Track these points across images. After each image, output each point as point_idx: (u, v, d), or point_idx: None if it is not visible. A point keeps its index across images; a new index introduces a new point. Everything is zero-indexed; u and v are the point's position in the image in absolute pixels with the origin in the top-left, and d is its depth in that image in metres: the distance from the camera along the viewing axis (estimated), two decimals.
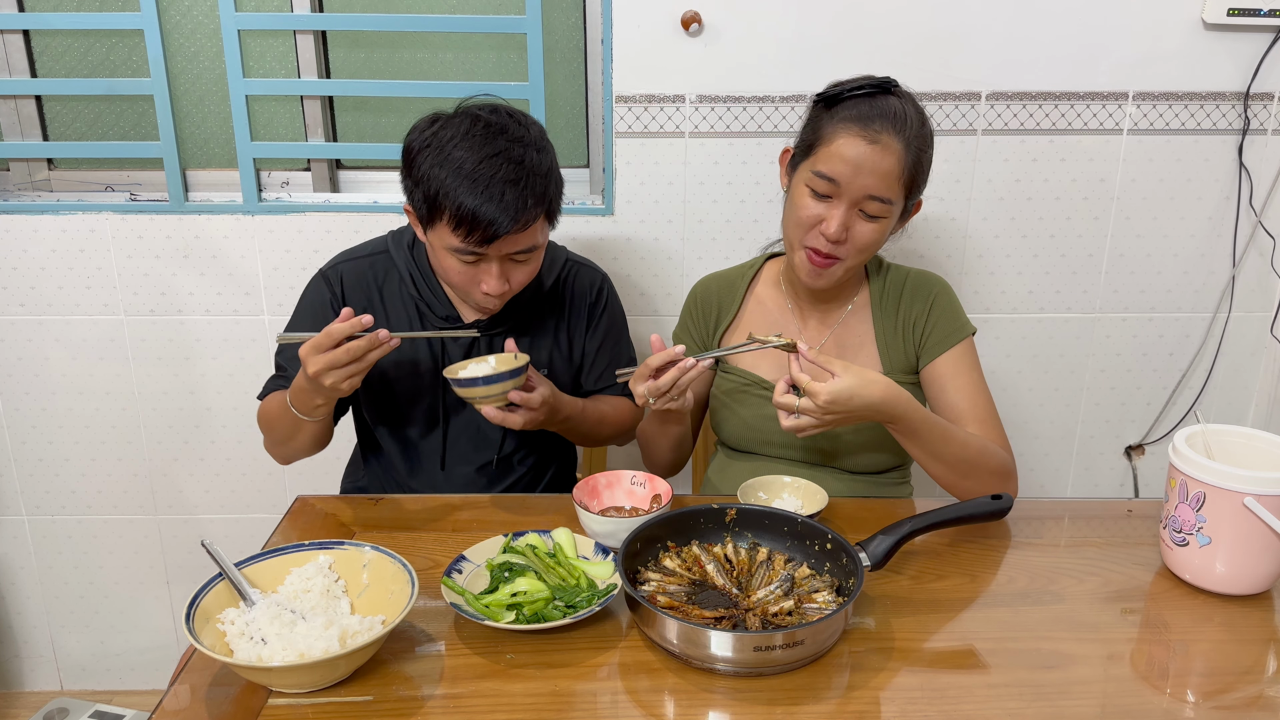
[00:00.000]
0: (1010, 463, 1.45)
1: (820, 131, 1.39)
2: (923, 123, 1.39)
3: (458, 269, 1.43)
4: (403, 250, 1.58)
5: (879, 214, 1.38)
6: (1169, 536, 1.25)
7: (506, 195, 1.36)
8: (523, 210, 1.37)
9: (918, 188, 1.40)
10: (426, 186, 1.38)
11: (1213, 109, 1.98)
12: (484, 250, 1.40)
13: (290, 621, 1.08)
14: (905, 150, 1.35)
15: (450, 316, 1.57)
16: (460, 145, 1.37)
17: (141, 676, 2.37)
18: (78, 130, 2.12)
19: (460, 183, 1.35)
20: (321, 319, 1.55)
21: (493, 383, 1.35)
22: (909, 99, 1.41)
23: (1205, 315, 2.13)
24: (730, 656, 1.05)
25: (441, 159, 1.37)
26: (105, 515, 2.24)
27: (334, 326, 1.28)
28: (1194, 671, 1.11)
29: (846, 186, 1.37)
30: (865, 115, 1.36)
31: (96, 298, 2.08)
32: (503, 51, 2.06)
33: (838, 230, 1.38)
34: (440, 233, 1.40)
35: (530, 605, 1.14)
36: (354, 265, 1.59)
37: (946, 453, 1.38)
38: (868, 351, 1.54)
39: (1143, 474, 2.26)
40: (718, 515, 1.28)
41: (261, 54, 2.05)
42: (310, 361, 1.30)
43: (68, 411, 2.16)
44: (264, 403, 1.56)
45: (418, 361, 1.58)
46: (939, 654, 1.12)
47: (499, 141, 1.38)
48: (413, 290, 1.57)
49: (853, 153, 1.35)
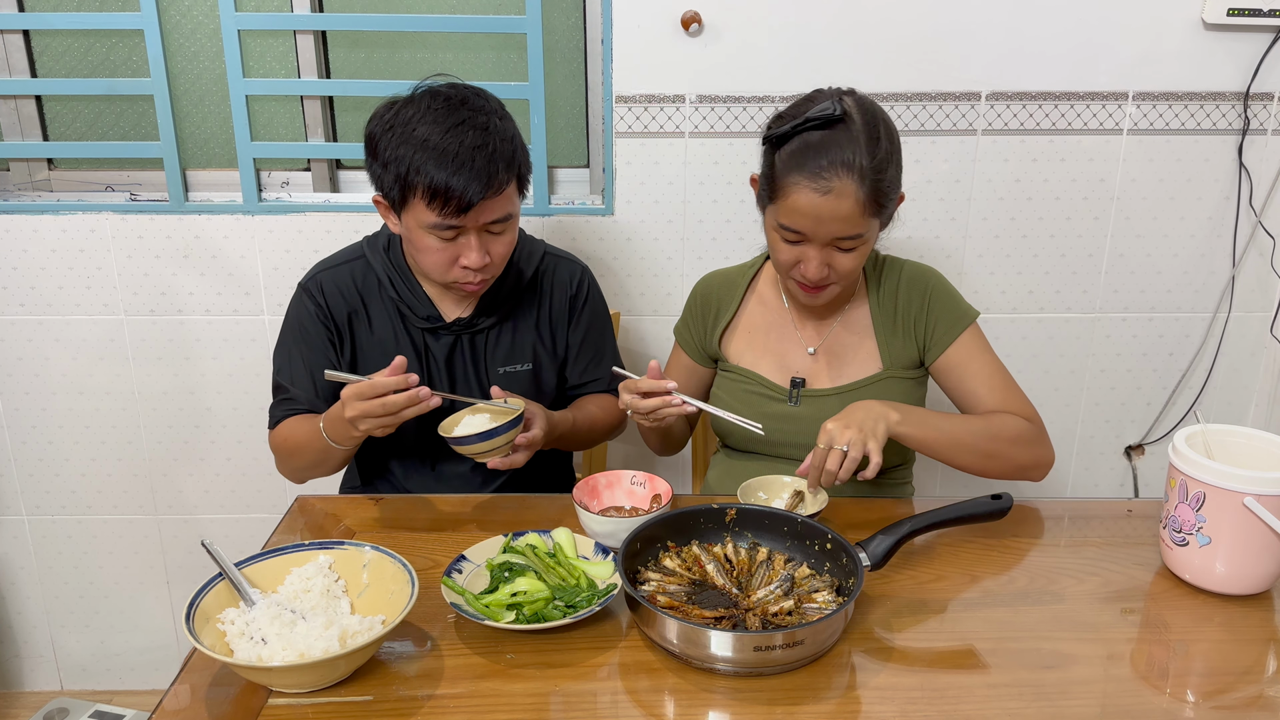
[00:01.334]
0: (1031, 428, 1.44)
1: (775, 180, 1.37)
2: (876, 141, 1.33)
3: (436, 248, 1.43)
4: (379, 253, 1.58)
5: (854, 246, 1.38)
6: (1169, 536, 1.25)
7: (476, 161, 1.37)
8: (494, 175, 1.38)
9: (888, 201, 1.37)
10: (396, 167, 1.38)
11: (1212, 109, 1.98)
12: (460, 222, 1.40)
13: (290, 621, 1.08)
14: (860, 185, 1.32)
15: (431, 316, 1.57)
16: (424, 122, 1.38)
17: (141, 676, 2.37)
18: (78, 130, 2.12)
19: (429, 156, 1.36)
20: (312, 334, 1.56)
21: (492, 437, 1.35)
22: (861, 113, 1.35)
23: (1205, 315, 2.13)
24: (730, 656, 1.05)
25: (406, 137, 1.38)
26: (105, 515, 2.24)
27: (380, 380, 1.29)
28: (1194, 671, 1.11)
29: (813, 235, 1.37)
30: (812, 160, 1.32)
31: (96, 298, 2.08)
32: (503, 51, 2.06)
33: (817, 272, 1.40)
34: (415, 211, 1.40)
35: (530, 605, 1.14)
36: (333, 274, 1.59)
37: (962, 433, 1.38)
38: (867, 348, 1.54)
39: (1143, 474, 2.26)
40: (718, 515, 1.28)
41: (261, 54, 2.05)
42: (349, 405, 1.32)
43: (68, 411, 2.16)
44: (281, 430, 1.55)
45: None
46: (939, 654, 1.12)
47: (461, 112, 1.40)
48: (392, 293, 1.57)
49: (807, 206, 1.34)
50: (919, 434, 1.35)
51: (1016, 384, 1.50)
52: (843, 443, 1.27)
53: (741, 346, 1.59)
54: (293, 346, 1.58)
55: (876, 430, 1.29)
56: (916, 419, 1.35)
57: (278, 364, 1.59)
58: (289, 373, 1.57)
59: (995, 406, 1.47)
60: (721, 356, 1.61)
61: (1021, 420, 1.44)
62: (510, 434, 1.37)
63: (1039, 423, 1.46)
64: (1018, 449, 1.42)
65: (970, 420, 1.42)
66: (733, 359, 1.60)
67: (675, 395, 1.36)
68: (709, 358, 1.63)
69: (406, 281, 1.57)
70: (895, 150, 1.37)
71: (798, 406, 1.53)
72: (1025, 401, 1.48)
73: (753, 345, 1.58)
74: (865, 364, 1.53)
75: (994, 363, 1.50)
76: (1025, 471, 1.45)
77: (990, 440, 1.40)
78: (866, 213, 1.34)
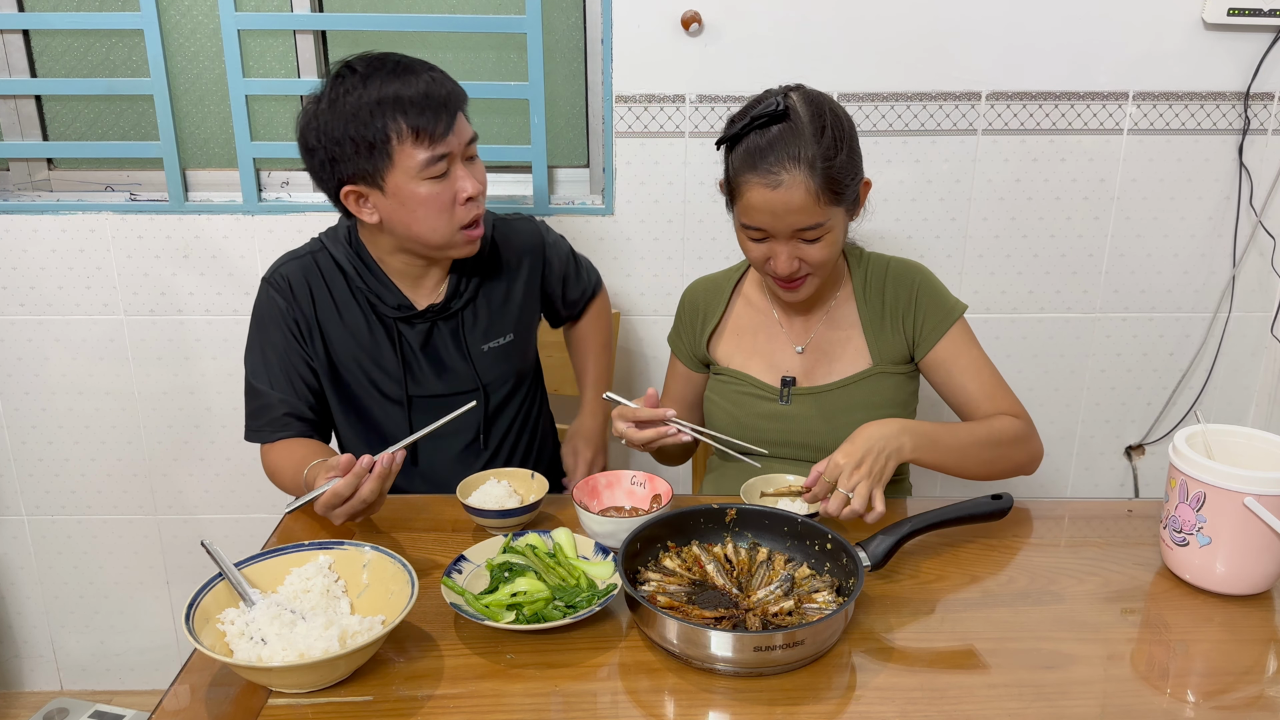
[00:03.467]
0: (1023, 425, 1.45)
1: (732, 181, 1.40)
2: (822, 130, 1.34)
3: (434, 194, 1.43)
4: (341, 245, 1.57)
5: (818, 235, 1.38)
6: (1169, 536, 1.25)
7: (434, 82, 1.42)
8: (453, 88, 1.45)
9: (844, 189, 1.37)
10: (366, 134, 1.40)
11: (1213, 109, 1.98)
12: (446, 147, 1.42)
13: (290, 621, 1.08)
14: (810, 175, 1.33)
15: (402, 305, 1.55)
16: (366, 84, 1.41)
17: (141, 676, 2.37)
18: (78, 130, 2.12)
19: (396, 102, 1.39)
20: (287, 329, 1.54)
21: (516, 515, 1.35)
22: (806, 106, 1.36)
23: (1205, 315, 2.13)
24: (730, 657, 1.05)
25: (359, 105, 1.40)
26: (105, 515, 2.24)
27: (340, 486, 1.27)
28: (1194, 671, 1.11)
29: (773, 229, 1.38)
30: (759, 157, 1.34)
31: (96, 297, 2.08)
32: (502, 51, 2.06)
33: (786, 265, 1.40)
34: (402, 161, 1.41)
35: (530, 605, 1.14)
36: (298, 264, 1.57)
37: (968, 444, 1.39)
38: (855, 344, 1.54)
39: (1143, 474, 2.26)
40: (718, 515, 1.28)
41: (261, 54, 2.05)
42: (330, 516, 1.32)
43: (68, 411, 2.16)
44: (271, 456, 1.54)
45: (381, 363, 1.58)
46: (939, 654, 1.12)
47: (389, 58, 1.44)
48: (360, 283, 1.55)
49: (761, 202, 1.35)
50: (931, 457, 1.36)
51: (1003, 379, 1.51)
52: (848, 487, 1.25)
53: (730, 349, 1.60)
54: (266, 347, 1.55)
55: (885, 471, 1.28)
56: (927, 443, 1.35)
57: (251, 366, 1.56)
58: (265, 375, 1.55)
59: (985, 403, 1.47)
60: (712, 360, 1.62)
61: (1015, 420, 1.45)
62: (534, 513, 1.37)
63: (1028, 418, 1.48)
64: (1015, 449, 1.44)
65: (973, 429, 1.42)
66: (723, 361, 1.60)
67: (673, 424, 1.36)
68: (701, 363, 1.64)
69: (374, 272, 1.56)
70: (846, 137, 1.37)
71: (789, 405, 1.53)
72: (1013, 397, 1.49)
73: (741, 347, 1.59)
74: (854, 360, 1.53)
75: (981, 357, 1.51)
76: (1021, 468, 1.47)
77: (994, 447, 1.41)
78: (822, 201, 1.35)
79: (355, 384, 1.59)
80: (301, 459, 1.44)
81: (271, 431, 1.54)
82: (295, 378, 1.55)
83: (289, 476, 1.48)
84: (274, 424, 1.54)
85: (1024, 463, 1.46)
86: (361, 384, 1.58)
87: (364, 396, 1.59)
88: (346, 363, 1.57)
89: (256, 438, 1.56)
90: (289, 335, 1.54)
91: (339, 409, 1.61)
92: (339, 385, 1.59)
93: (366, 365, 1.57)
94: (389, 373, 1.58)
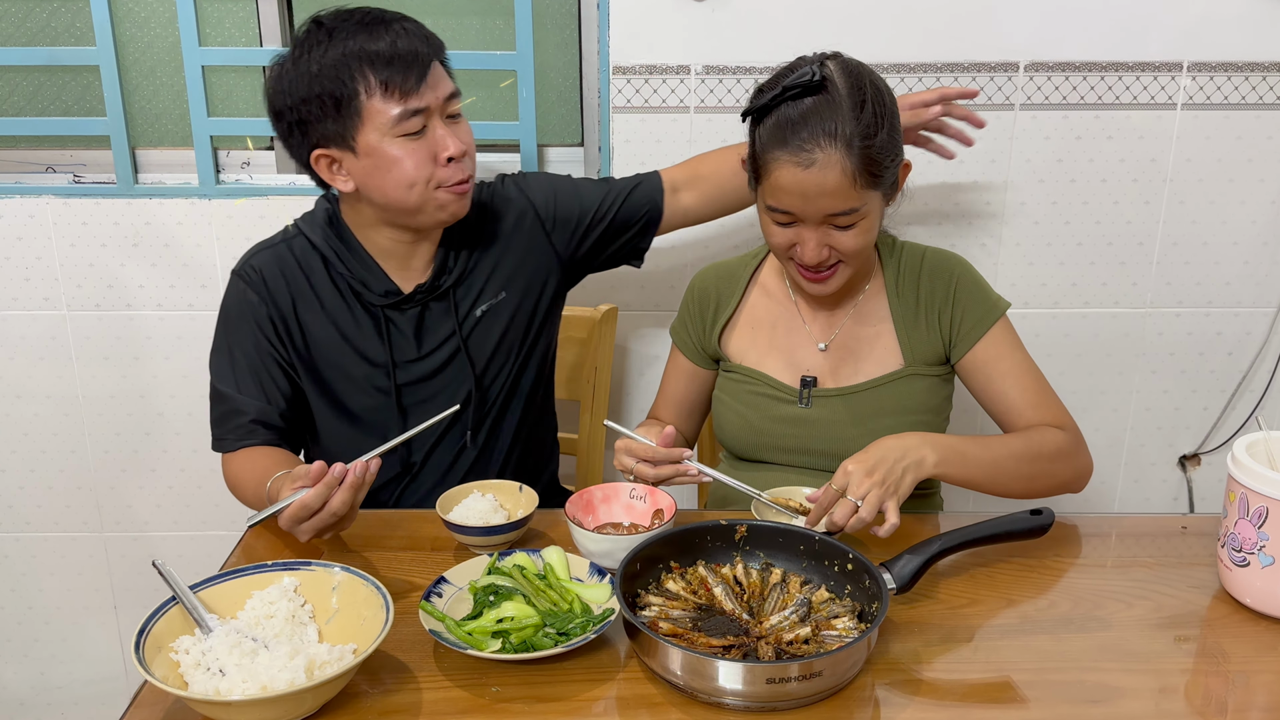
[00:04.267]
0: (1069, 439, 1.45)
1: (758, 158, 1.39)
2: (862, 104, 1.34)
3: (410, 154, 1.45)
4: (320, 229, 1.58)
5: (851, 222, 1.38)
6: (1228, 556, 1.25)
7: (405, 33, 1.44)
8: (427, 35, 1.47)
9: (884, 171, 1.37)
10: (335, 89, 1.42)
11: (1276, 81, 1.98)
12: (421, 101, 1.44)
13: (251, 650, 1.08)
14: (847, 154, 1.33)
15: (390, 291, 1.57)
16: (331, 40, 1.43)
17: (86, 711, 2.37)
18: (15, 105, 2.12)
19: (360, 55, 1.42)
20: (259, 327, 1.54)
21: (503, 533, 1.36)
22: (844, 77, 1.35)
23: (1268, 310, 2.14)
24: (740, 689, 1.05)
25: (324, 62, 1.42)
26: (45, 532, 2.24)
27: (309, 498, 1.26)
28: (1255, 705, 1.11)
29: (803, 213, 1.38)
30: (791, 132, 1.34)
31: (36, 290, 2.08)
32: (487, 18, 2.06)
33: (815, 254, 1.40)
34: (373, 118, 1.43)
35: (518, 633, 1.14)
36: (271, 254, 1.58)
37: (1004, 459, 1.39)
38: (885, 342, 1.54)
39: (1198, 486, 2.26)
40: (726, 533, 1.28)
41: (219, 20, 2.05)
42: (296, 532, 1.31)
43: (4, 417, 2.16)
44: (234, 464, 1.54)
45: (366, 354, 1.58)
46: (972, 687, 1.12)
47: (356, 13, 1.47)
48: (341, 268, 1.57)
49: (791, 182, 1.35)
50: (960, 473, 1.36)
51: (1049, 386, 1.51)
52: (858, 495, 1.26)
53: (744, 344, 1.60)
54: (234, 347, 1.56)
55: (902, 484, 1.29)
56: (956, 457, 1.35)
57: (217, 369, 1.57)
58: (232, 378, 1.55)
59: (1028, 412, 1.48)
60: (723, 356, 1.62)
61: (1059, 432, 1.45)
62: (521, 531, 1.37)
63: (1075, 429, 1.47)
64: (1059, 465, 1.44)
65: (1009, 442, 1.43)
66: (735, 358, 1.60)
67: (691, 464, 1.37)
68: (710, 358, 1.63)
69: (358, 256, 1.57)
70: (888, 114, 1.38)
71: (809, 408, 1.53)
72: (1060, 406, 1.49)
73: (757, 342, 1.59)
74: (884, 360, 1.53)
75: (1026, 361, 1.51)
76: (1067, 486, 1.47)
77: (1032, 462, 1.41)
78: (859, 184, 1.35)
79: (337, 378, 1.60)
80: (265, 470, 1.45)
81: (236, 440, 1.55)
82: (267, 380, 1.56)
83: (251, 489, 1.48)
84: (239, 431, 1.54)
85: (1069, 480, 1.46)
86: (345, 376, 1.60)
87: (347, 389, 1.60)
88: (329, 355, 1.58)
89: (222, 447, 1.56)
90: (260, 335, 1.55)
91: (320, 404, 1.61)
92: (318, 381, 1.59)
93: (350, 358, 1.58)
94: (375, 362, 1.59)
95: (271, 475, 1.41)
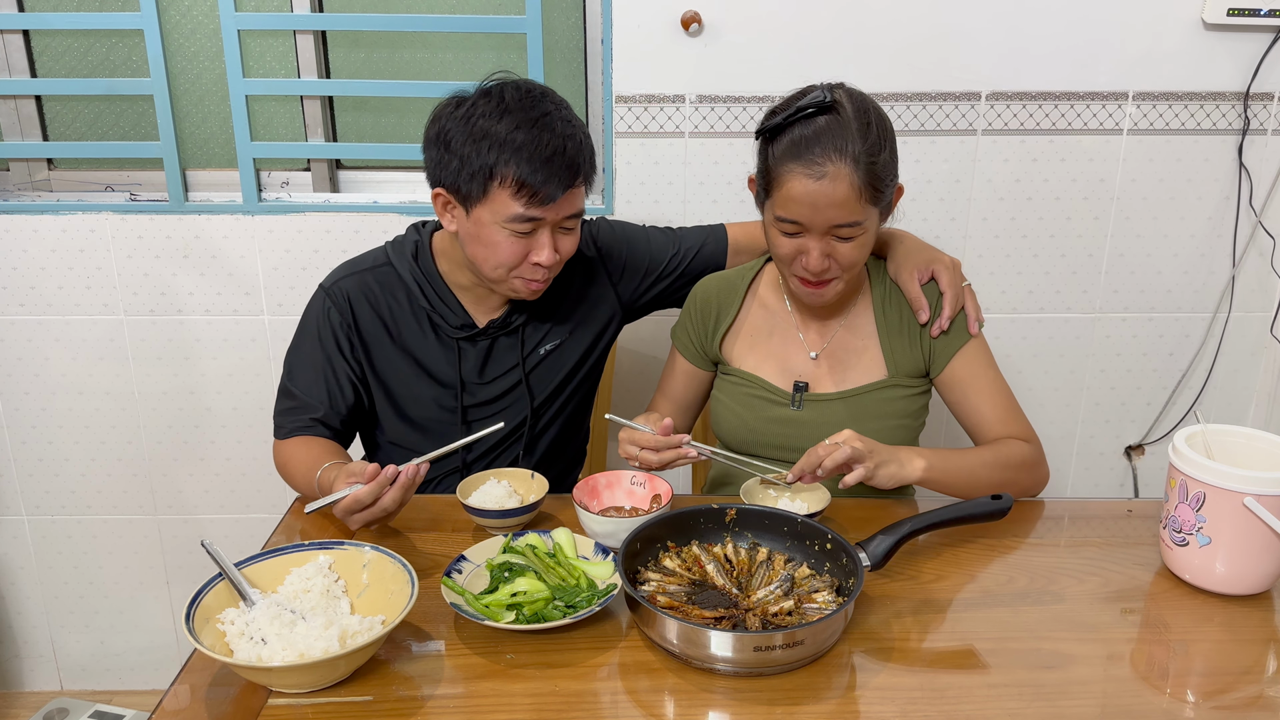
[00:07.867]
0: (1034, 451, 1.47)
1: (770, 173, 1.39)
2: (868, 126, 1.35)
3: (508, 243, 1.42)
4: (407, 261, 1.56)
5: (853, 234, 1.38)
6: (1169, 536, 1.25)
7: (567, 152, 1.39)
8: (579, 168, 1.42)
9: (885, 189, 1.38)
10: (479, 159, 1.38)
11: (1212, 109, 1.98)
12: (543, 213, 1.41)
13: (290, 621, 1.08)
14: (855, 169, 1.33)
15: (466, 325, 1.56)
16: (507, 115, 1.39)
17: (141, 676, 2.37)
18: (78, 130, 2.12)
19: (518, 149, 1.37)
20: (336, 344, 1.53)
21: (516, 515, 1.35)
22: (851, 102, 1.37)
23: (1205, 315, 2.13)
24: (730, 656, 1.05)
25: (488, 130, 1.38)
26: (105, 515, 2.24)
27: (364, 492, 1.27)
28: (1194, 671, 1.11)
29: (810, 224, 1.37)
30: (805, 148, 1.34)
31: (96, 298, 2.08)
32: (503, 51, 2.06)
33: (818, 262, 1.40)
34: (496, 204, 1.40)
35: (530, 605, 1.14)
36: (358, 279, 1.56)
37: (978, 468, 1.41)
38: (871, 355, 1.54)
39: (1143, 474, 2.26)
40: (718, 515, 1.28)
41: (261, 54, 2.05)
42: (348, 520, 1.31)
43: (68, 411, 2.16)
44: (286, 449, 1.53)
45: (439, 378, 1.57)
46: (939, 654, 1.12)
47: (544, 105, 1.42)
48: (423, 302, 1.55)
49: (803, 193, 1.35)
50: (943, 479, 1.39)
51: (1017, 403, 1.52)
52: (839, 440, 1.30)
53: (743, 350, 1.59)
54: (310, 353, 1.55)
55: (881, 469, 1.32)
56: (940, 465, 1.38)
57: (290, 368, 1.56)
58: (302, 379, 1.54)
59: (998, 426, 1.49)
60: (723, 360, 1.61)
61: (1025, 445, 1.47)
62: (527, 516, 1.37)
63: (1038, 443, 1.49)
64: (1023, 474, 1.46)
65: (983, 453, 1.45)
66: (734, 362, 1.60)
67: (690, 447, 1.37)
68: (709, 361, 1.63)
69: (437, 290, 1.55)
70: (888, 138, 1.38)
71: (800, 410, 1.53)
72: (1026, 423, 1.51)
73: (754, 349, 1.58)
74: (869, 369, 1.53)
75: (998, 380, 1.51)
76: (1028, 492, 1.49)
77: (1002, 470, 1.43)
78: (863, 199, 1.35)
79: (405, 395, 1.58)
80: (316, 458, 1.44)
81: (292, 431, 1.54)
82: (334, 390, 1.54)
83: (301, 474, 1.47)
84: (299, 426, 1.54)
85: (1030, 486, 1.48)
86: (413, 395, 1.58)
87: (414, 404, 1.59)
88: (400, 375, 1.57)
89: (279, 434, 1.56)
90: (336, 349, 1.54)
91: (386, 410, 1.60)
92: (387, 394, 1.58)
93: (421, 380, 1.57)
94: (444, 384, 1.58)
95: (321, 464, 1.40)
